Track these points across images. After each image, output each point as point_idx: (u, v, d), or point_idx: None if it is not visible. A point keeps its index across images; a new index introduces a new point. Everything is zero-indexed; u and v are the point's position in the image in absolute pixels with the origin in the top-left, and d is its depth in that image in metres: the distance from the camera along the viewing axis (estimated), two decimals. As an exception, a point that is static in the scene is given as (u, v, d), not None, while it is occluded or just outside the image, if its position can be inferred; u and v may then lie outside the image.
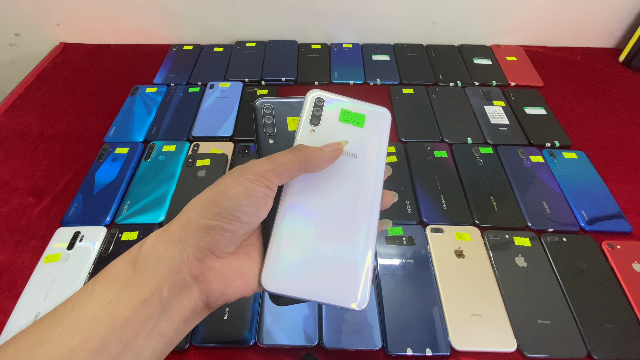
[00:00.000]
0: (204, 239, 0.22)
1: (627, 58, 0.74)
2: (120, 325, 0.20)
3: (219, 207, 0.22)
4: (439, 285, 0.42)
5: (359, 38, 0.79)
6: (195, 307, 0.23)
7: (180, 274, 0.22)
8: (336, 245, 0.26)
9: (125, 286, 0.21)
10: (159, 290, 0.21)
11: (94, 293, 0.21)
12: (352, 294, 0.25)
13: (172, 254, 0.22)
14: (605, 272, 0.44)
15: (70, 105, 0.66)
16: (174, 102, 0.65)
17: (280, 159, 0.24)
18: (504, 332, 0.39)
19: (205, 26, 0.77)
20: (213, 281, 0.23)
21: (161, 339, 0.21)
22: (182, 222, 0.23)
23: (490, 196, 0.51)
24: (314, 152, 0.25)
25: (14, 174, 0.54)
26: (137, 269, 0.22)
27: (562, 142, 0.59)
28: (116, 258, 0.23)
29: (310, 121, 0.27)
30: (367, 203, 0.27)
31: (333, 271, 0.25)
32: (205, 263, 0.22)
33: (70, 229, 0.47)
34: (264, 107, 0.29)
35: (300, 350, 0.38)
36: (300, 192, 0.26)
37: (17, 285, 0.43)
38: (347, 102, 0.28)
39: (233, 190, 0.22)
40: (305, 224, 0.26)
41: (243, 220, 0.23)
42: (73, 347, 0.19)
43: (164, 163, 0.55)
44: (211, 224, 0.22)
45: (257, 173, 0.23)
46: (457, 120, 0.62)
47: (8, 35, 0.78)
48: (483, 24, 0.77)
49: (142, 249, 0.22)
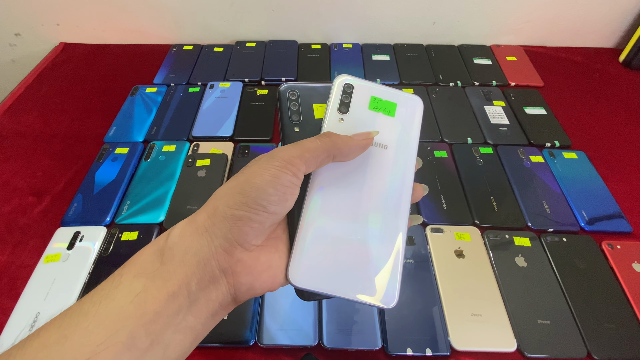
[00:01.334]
0: (232, 231, 0.21)
1: (627, 58, 0.74)
2: (149, 319, 0.19)
3: (246, 196, 0.21)
4: (439, 285, 0.42)
5: (359, 38, 0.79)
6: (223, 301, 0.22)
7: (208, 266, 0.21)
8: (365, 239, 0.25)
9: (153, 278, 0.20)
10: (187, 283, 0.20)
11: (120, 285, 0.20)
12: (381, 291, 0.24)
13: (200, 245, 0.21)
14: (605, 272, 0.44)
15: (70, 105, 0.66)
16: (174, 102, 0.65)
17: (307, 145, 0.23)
18: (504, 332, 0.39)
19: (205, 26, 0.77)
20: (242, 274, 0.22)
21: (189, 333, 0.21)
22: (209, 213, 0.22)
23: (490, 196, 0.51)
24: (343, 140, 0.24)
25: (14, 174, 0.54)
26: (165, 261, 0.21)
27: (562, 142, 0.59)
28: (142, 248, 0.22)
29: (339, 109, 0.26)
30: (397, 197, 0.26)
31: (361, 267, 0.24)
32: (233, 256, 0.22)
33: (70, 229, 0.47)
34: (290, 92, 0.28)
35: (300, 350, 0.38)
36: (328, 183, 0.25)
37: (17, 285, 0.43)
38: (378, 88, 0.27)
39: (260, 178, 0.21)
40: (333, 216, 0.25)
41: (270, 210, 0.22)
42: (101, 342, 0.18)
43: (164, 163, 0.55)
44: (238, 215, 0.21)
45: (284, 160, 0.22)
46: (457, 120, 0.62)
47: (8, 35, 0.78)
48: (483, 24, 0.77)
49: (169, 239, 0.22)
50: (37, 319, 0.39)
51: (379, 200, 0.25)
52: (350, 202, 0.25)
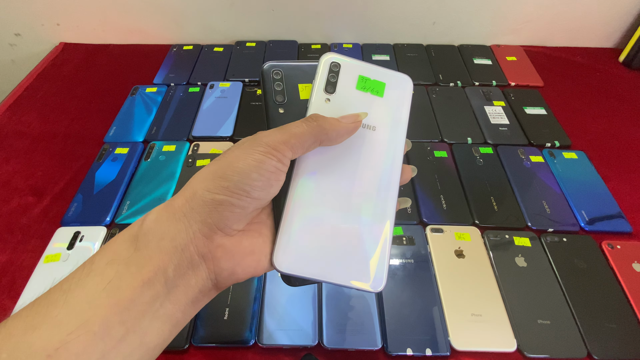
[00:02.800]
0: (212, 215, 0.21)
1: (627, 58, 0.74)
2: (123, 307, 0.18)
3: (228, 180, 0.21)
4: (439, 285, 0.42)
5: (359, 38, 0.79)
6: (203, 287, 0.21)
7: (186, 252, 0.20)
8: (352, 224, 0.24)
9: (127, 265, 0.19)
10: (163, 270, 0.20)
11: (92, 272, 0.19)
12: (368, 276, 0.24)
13: (177, 230, 0.20)
14: (605, 272, 0.44)
15: (70, 105, 0.66)
16: (174, 102, 0.65)
17: (293, 130, 0.22)
18: (504, 332, 0.39)
19: (205, 26, 0.77)
20: (222, 260, 0.21)
21: (167, 321, 0.20)
22: (187, 197, 0.21)
23: (490, 196, 0.51)
24: (331, 123, 0.23)
25: (14, 174, 0.54)
26: (139, 247, 0.20)
27: (562, 142, 0.59)
28: (116, 235, 0.21)
29: (325, 89, 0.25)
30: (385, 179, 0.25)
31: (348, 251, 0.24)
32: (213, 241, 0.21)
33: (70, 229, 0.47)
34: (273, 71, 0.27)
35: (300, 350, 0.38)
36: (314, 167, 0.24)
37: (17, 285, 0.43)
38: (366, 67, 0.26)
39: (243, 162, 0.21)
40: (319, 200, 0.24)
41: (253, 196, 0.21)
42: (71, 331, 0.17)
43: (164, 163, 0.55)
44: (219, 199, 0.20)
45: (269, 145, 0.21)
46: (457, 120, 0.62)
47: (8, 35, 0.78)
48: (483, 24, 0.77)
49: (144, 225, 0.21)
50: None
51: (366, 183, 0.25)
52: (337, 185, 0.24)
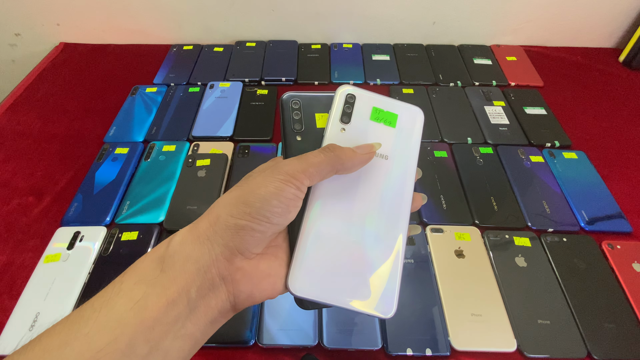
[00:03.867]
0: (234, 239, 0.22)
1: (627, 58, 0.74)
2: (148, 326, 0.19)
3: (250, 206, 0.22)
4: (439, 285, 0.42)
5: (359, 38, 0.79)
6: (222, 309, 0.22)
7: (208, 274, 0.21)
8: (364, 250, 0.25)
9: (153, 285, 0.20)
10: (186, 291, 0.21)
11: (121, 292, 0.20)
12: (380, 301, 0.24)
13: (200, 253, 0.21)
14: (605, 272, 0.44)
15: (70, 105, 0.66)
16: (174, 102, 0.65)
17: (311, 159, 0.23)
18: (504, 332, 0.39)
19: (205, 26, 0.77)
20: (241, 282, 0.22)
21: (188, 340, 0.21)
22: (211, 221, 0.22)
23: (490, 196, 0.51)
24: (347, 153, 0.24)
25: (14, 174, 0.54)
26: (165, 268, 0.21)
27: (562, 142, 0.59)
28: (143, 255, 0.22)
29: (341, 119, 0.26)
30: (397, 207, 0.26)
31: (361, 277, 0.24)
32: (233, 264, 0.22)
33: (70, 229, 0.47)
34: (292, 101, 0.28)
35: (300, 350, 0.38)
36: (328, 194, 0.25)
37: (17, 285, 0.43)
38: (379, 99, 0.27)
39: (264, 189, 0.22)
40: (333, 226, 0.25)
41: (273, 222, 0.22)
42: (101, 349, 0.18)
43: (164, 163, 0.55)
44: (241, 224, 0.21)
45: (288, 174, 0.22)
46: (457, 120, 0.62)
47: (8, 35, 0.78)
48: (483, 24, 0.77)
49: (170, 247, 0.22)
50: (37, 319, 0.39)
51: (379, 211, 0.25)
52: (351, 212, 0.25)
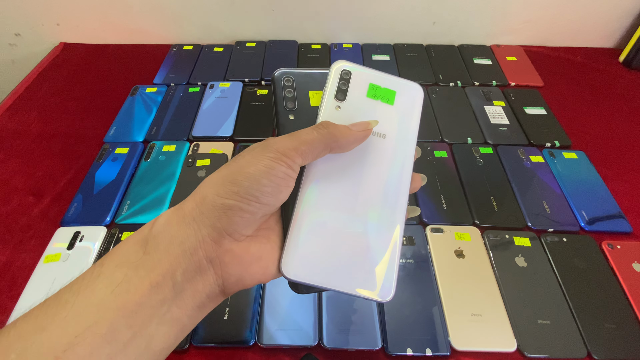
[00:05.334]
0: (221, 220, 0.21)
1: (627, 58, 0.74)
2: (130, 310, 0.18)
3: (238, 185, 0.21)
4: (439, 285, 0.42)
5: (359, 38, 0.79)
6: (210, 293, 0.21)
7: (195, 256, 0.20)
8: (361, 232, 0.24)
9: (135, 268, 0.19)
10: (172, 273, 0.20)
11: (101, 275, 0.19)
12: (377, 285, 0.23)
13: (186, 235, 0.20)
14: (605, 272, 0.44)
15: (70, 105, 0.66)
16: (174, 102, 0.65)
17: (304, 136, 0.22)
18: (504, 332, 0.39)
19: (205, 26, 0.77)
20: (230, 265, 0.21)
21: (174, 326, 0.20)
22: (197, 201, 0.21)
23: (490, 196, 0.51)
24: (341, 130, 0.23)
25: (14, 174, 0.54)
26: (148, 250, 0.20)
27: (562, 142, 0.59)
28: (125, 238, 0.22)
29: (336, 96, 0.25)
30: (395, 188, 0.25)
31: (357, 259, 0.23)
32: (222, 246, 0.21)
33: (70, 229, 0.47)
34: (284, 78, 0.27)
35: (300, 350, 0.38)
36: (323, 174, 0.24)
37: (17, 285, 0.43)
38: (377, 75, 0.26)
39: (253, 168, 0.21)
40: (328, 208, 0.24)
41: (263, 202, 0.21)
42: (79, 333, 0.17)
43: (164, 163, 0.55)
44: (229, 204, 0.21)
45: (279, 151, 0.21)
46: (457, 120, 0.62)
47: (8, 35, 0.78)
48: (483, 24, 0.77)
49: (154, 228, 0.21)
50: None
51: (376, 192, 0.25)
52: (347, 193, 0.24)
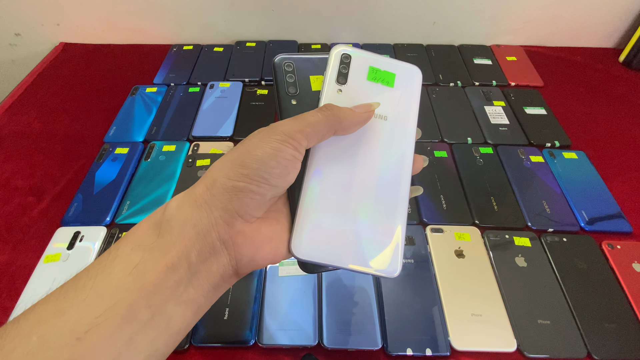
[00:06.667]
0: (232, 202, 0.21)
1: (627, 58, 0.74)
2: (149, 291, 0.19)
3: (247, 168, 0.21)
4: (439, 285, 0.42)
5: (359, 38, 0.79)
6: (224, 273, 0.22)
7: (208, 238, 0.21)
8: (367, 211, 0.25)
9: (151, 250, 0.20)
10: (186, 255, 0.20)
11: (117, 258, 0.20)
12: (384, 262, 0.24)
13: (199, 217, 0.21)
14: (605, 272, 0.44)
15: (70, 105, 0.66)
16: (174, 102, 0.65)
17: (308, 119, 0.23)
18: (504, 332, 0.39)
19: (205, 26, 0.77)
20: (243, 246, 0.22)
21: (191, 306, 0.21)
22: (207, 184, 0.22)
23: (490, 196, 0.51)
24: (345, 112, 0.24)
25: (14, 174, 0.54)
26: (162, 233, 0.21)
27: (562, 142, 0.59)
28: (138, 222, 0.22)
29: (337, 80, 0.25)
30: (398, 168, 0.25)
31: (364, 237, 0.24)
32: (234, 227, 0.21)
33: (70, 229, 0.47)
34: (285, 64, 0.27)
35: (300, 350, 0.38)
36: (328, 156, 0.25)
37: (17, 285, 0.43)
38: (376, 58, 0.27)
39: (261, 150, 0.21)
40: (334, 188, 0.25)
41: (272, 183, 0.22)
42: (99, 314, 0.18)
43: (164, 163, 0.55)
44: (239, 186, 0.21)
45: (285, 134, 0.22)
46: (457, 120, 0.62)
47: (8, 35, 0.78)
48: (483, 24, 0.77)
49: (167, 212, 0.21)
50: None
51: (380, 172, 0.25)
52: (351, 173, 0.25)
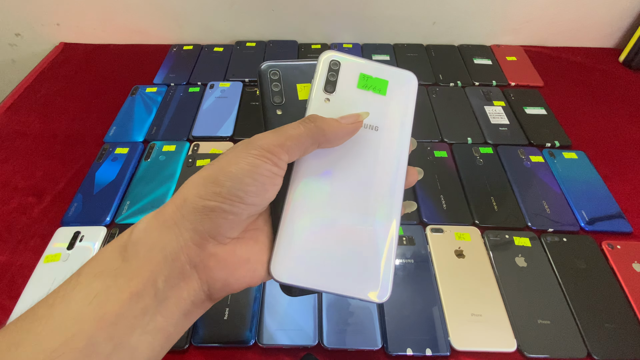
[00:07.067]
0: (204, 223, 0.20)
1: (627, 58, 0.74)
2: (110, 322, 0.18)
3: (220, 186, 0.20)
4: (439, 285, 0.42)
5: (359, 38, 0.79)
6: (195, 299, 0.20)
7: (177, 262, 0.19)
8: (354, 230, 0.23)
9: (114, 277, 0.19)
10: (153, 281, 0.19)
11: (78, 285, 0.18)
12: (373, 285, 0.22)
13: (167, 239, 0.20)
14: (605, 272, 0.44)
15: (70, 105, 0.66)
16: (174, 102, 0.65)
17: (290, 132, 0.21)
18: (504, 332, 0.39)
19: (205, 26, 0.77)
20: (215, 270, 0.20)
21: (159, 335, 0.19)
22: (177, 204, 0.20)
23: (490, 196, 0.51)
24: (330, 124, 0.22)
25: (14, 174, 0.54)
26: (127, 257, 0.19)
27: (562, 142, 0.59)
28: (105, 245, 0.20)
29: (324, 88, 0.24)
30: (389, 183, 0.24)
31: (351, 259, 0.23)
32: (205, 249, 0.20)
33: (70, 229, 0.47)
34: (271, 72, 0.26)
35: (300, 350, 0.38)
36: (313, 170, 0.23)
37: (17, 285, 0.43)
38: (368, 65, 0.25)
39: (236, 167, 0.20)
40: (319, 205, 0.23)
41: (247, 202, 0.20)
42: (55, 348, 0.17)
43: (164, 163, 0.55)
44: (211, 206, 0.20)
45: (263, 148, 0.20)
46: (457, 120, 0.62)
47: (8, 35, 0.78)
48: (483, 24, 0.77)
49: (133, 234, 0.20)
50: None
51: (369, 187, 0.24)
52: (338, 189, 0.23)
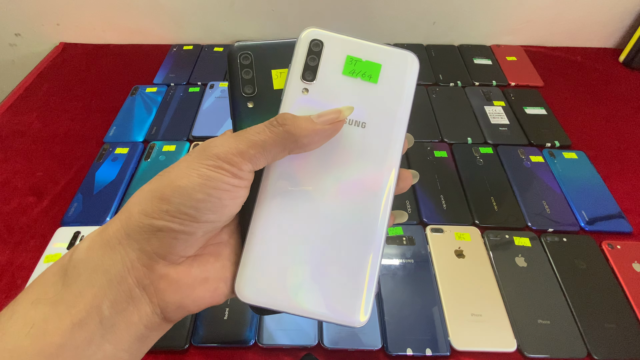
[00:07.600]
0: (151, 242, 0.18)
1: (627, 58, 0.74)
2: (50, 354, 0.16)
3: (167, 202, 0.17)
4: (439, 285, 0.42)
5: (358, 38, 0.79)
6: (149, 323, 0.18)
7: (123, 285, 0.17)
8: (332, 245, 0.20)
9: (54, 304, 0.17)
10: (97, 307, 0.17)
11: (14, 315, 0.17)
12: (349, 308, 0.20)
13: (112, 261, 0.17)
14: (605, 272, 0.44)
15: (70, 105, 0.66)
16: (174, 102, 0.65)
17: (253, 137, 0.18)
18: (504, 332, 0.39)
19: (205, 26, 0.77)
20: (167, 292, 0.18)
21: None
22: (122, 221, 0.18)
23: (490, 196, 0.51)
24: (301, 127, 0.18)
25: (14, 174, 0.54)
26: (68, 282, 0.17)
27: (562, 142, 0.59)
28: (46, 269, 0.18)
29: (302, 76, 0.20)
30: (376, 189, 0.20)
31: (326, 279, 0.20)
32: (154, 271, 0.18)
33: (70, 229, 0.47)
34: (241, 55, 0.21)
35: (300, 350, 0.38)
36: (285, 176, 0.20)
37: (17, 285, 0.43)
38: (357, 45, 0.21)
39: (186, 180, 0.17)
40: (291, 217, 0.20)
41: (201, 220, 0.18)
42: None
43: (164, 163, 0.55)
44: (158, 225, 0.17)
45: (219, 157, 0.18)
46: (457, 120, 0.62)
47: (8, 35, 0.78)
48: (483, 24, 0.77)
49: (74, 255, 0.18)
50: None
51: (352, 195, 0.20)
52: (314, 199, 0.20)
